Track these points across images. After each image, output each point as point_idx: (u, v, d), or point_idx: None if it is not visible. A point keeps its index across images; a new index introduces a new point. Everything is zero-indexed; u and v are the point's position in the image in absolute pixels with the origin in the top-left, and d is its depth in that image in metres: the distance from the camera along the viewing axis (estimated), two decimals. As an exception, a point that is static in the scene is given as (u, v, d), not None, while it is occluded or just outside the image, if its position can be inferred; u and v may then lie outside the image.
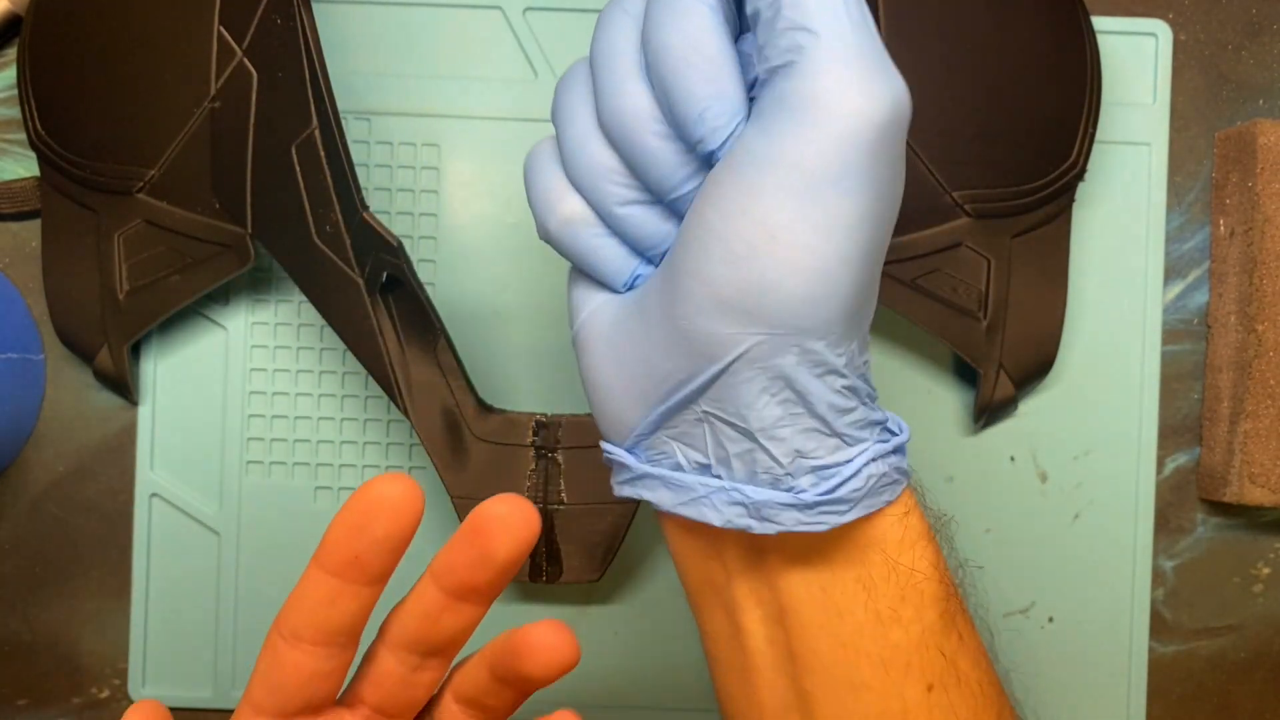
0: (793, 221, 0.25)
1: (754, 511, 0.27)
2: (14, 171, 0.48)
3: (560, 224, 0.30)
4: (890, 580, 0.29)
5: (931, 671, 0.29)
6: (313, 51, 0.43)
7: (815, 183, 0.25)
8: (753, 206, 0.26)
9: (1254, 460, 0.46)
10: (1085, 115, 0.45)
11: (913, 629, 0.29)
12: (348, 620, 0.29)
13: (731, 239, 0.26)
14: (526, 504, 0.28)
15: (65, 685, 0.49)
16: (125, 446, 0.48)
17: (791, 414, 0.27)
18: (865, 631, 0.29)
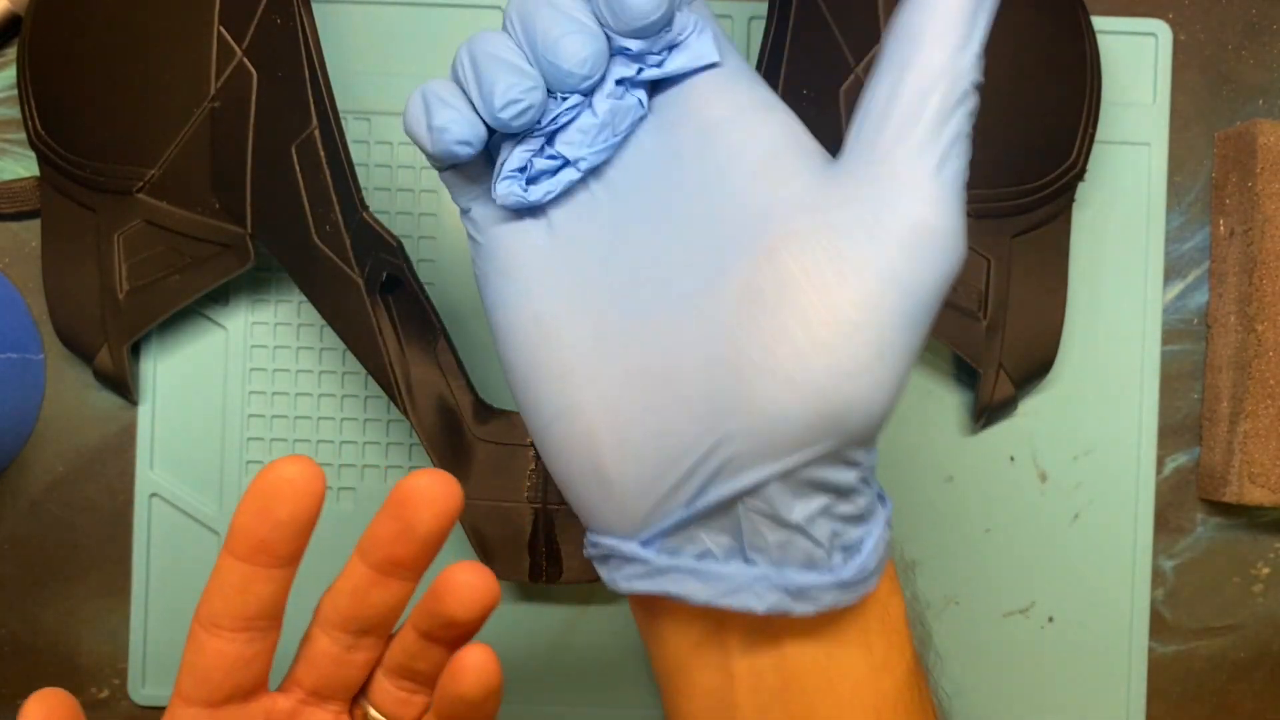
0: (882, 332, 0.26)
1: (796, 595, 0.27)
2: (14, 171, 0.48)
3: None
4: (881, 631, 0.29)
5: (911, 710, 0.30)
6: (313, 51, 0.43)
7: (910, 306, 0.26)
8: (845, 310, 0.25)
9: (1254, 460, 0.46)
10: (1085, 115, 0.45)
11: (897, 672, 0.30)
12: (263, 604, 0.29)
13: (812, 331, 0.25)
14: (447, 477, 0.28)
15: (65, 685, 0.49)
16: (125, 446, 0.48)
17: (829, 506, 0.27)
18: (864, 686, 0.29)
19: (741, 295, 0.26)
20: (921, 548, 0.48)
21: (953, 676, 0.49)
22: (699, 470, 0.27)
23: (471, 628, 0.30)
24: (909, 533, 0.48)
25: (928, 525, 0.48)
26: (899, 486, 0.48)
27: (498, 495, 0.44)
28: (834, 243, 0.26)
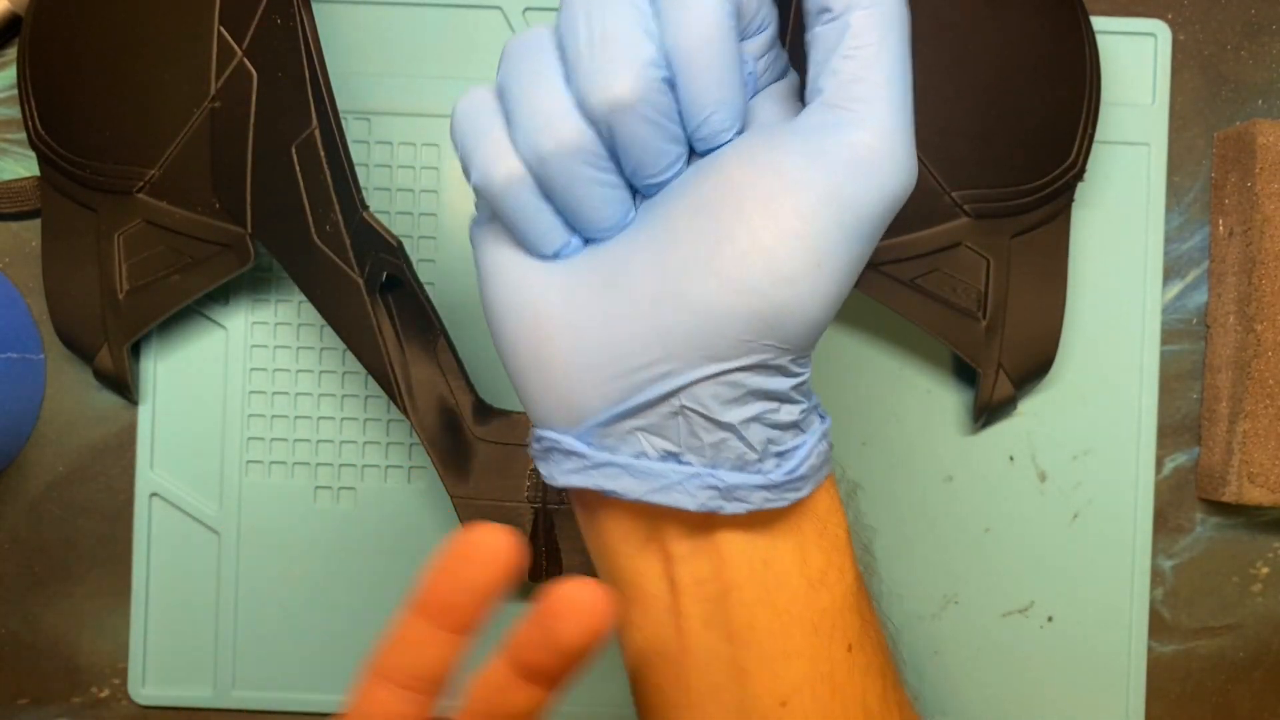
0: (821, 242, 0.27)
1: (726, 494, 0.29)
2: (14, 171, 0.48)
3: (504, 181, 0.29)
4: (819, 546, 0.31)
5: (851, 632, 0.31)
6: (313, 51, 0.43)
7: (851, 221, 0.27)
8: (787, 219, 0.27)
9: (1253, 460, 0.46)
10: (1084, 115, 0.45)
11: (836, 590, 0.31)
12: (433, 667, 0.28)
13: (754, 235, 0.27)
14: (597, 589, 0.27)
15: (65, 685, 0.49)
16: (125, 446, 0.48)
17: (767, 411, 0.29)
18: (799, 597, 0.30)
19: (693, 205, 0.28)
20: (921, 548, 0.48)
21: (952, 676, 0.49)
22: (641, 366, 0.28)
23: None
24: (908, 532, 0.48)
25: (928, 525, 0.48)
26: (899, 486, 0.48)
27: (498, 495, 0.44)
28: (781, 159, 0.27)
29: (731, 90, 0.28)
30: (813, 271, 0.27)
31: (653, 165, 0.28)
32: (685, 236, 0.28)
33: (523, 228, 0.29)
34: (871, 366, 0.48)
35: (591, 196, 0.29)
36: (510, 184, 0.29)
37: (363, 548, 0.48)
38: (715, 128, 0.28)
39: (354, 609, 0.48)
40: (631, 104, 0.27)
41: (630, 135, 0.28)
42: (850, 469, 0.48)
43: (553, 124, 0.28)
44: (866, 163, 0.27)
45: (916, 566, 0.48)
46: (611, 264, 0.29)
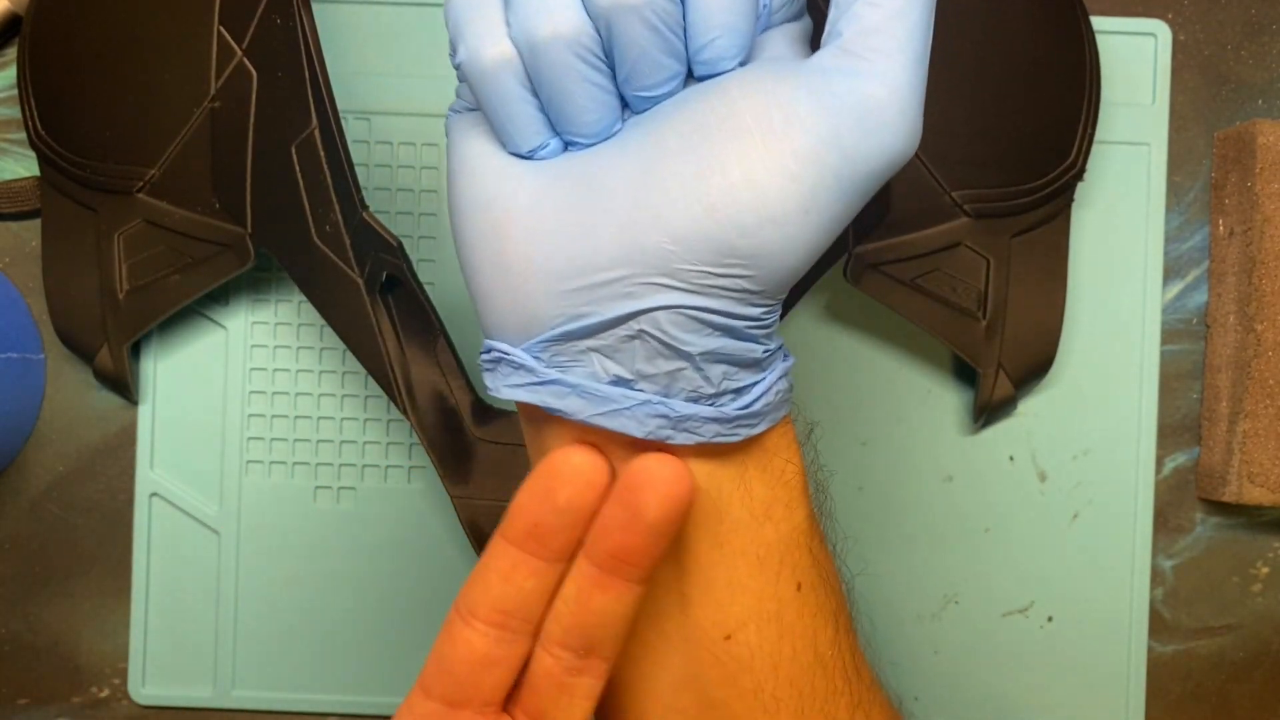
0: (814, 188, 0.26)
1: (676, 424, 0.28)
2: (14, 171, 0.48)
3: (491, 64, 0.27)
4: (764, 480, 0.30)
5: (801, 570, 0.30)
6: (312, 51, 0.43)
7: (848, 173, 0.27)
8: (784, 157, 0.26)
9: (1253, 460, 0.46)
10: (1084, 115, 0.45)
11: (783, 526, 0.30)
12: (524, 599, 0.27)
13: (747, 168, 0.26)
14: (677, 462, 0.27)
15: (65, 685, 0.49)
16: (125, 446, 0.48)
17: (728, 344, 0.28)
18: (741, 529, 0.29)
19: (687, 125, 0.27)
20: (921, 547, 0.48)
21: (952, 676, 0.49)
22: (604, 282, 0.27)
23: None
24: (908, 532, 0.48)
25: (928, 525, 0.48)
26: (899, 486, 0.48)
27: (498, 495, 0.44)
28: (789, 95, 0.26)
29: (741, 16, 0.27)
30: (800, 217, 0.26)
31: (648, 76, 0.27)
32: (674, 155, 0.26)
33: (503, 117, 0.28)
34: (871, 366, 0.48)
35: (580, 93, 0.27)
36: (498, 67, 0.27)
37: (363, 548, 0.48)
38: (718, 52, 0.27)
39: (354, 609, 0.48)
40: (637, 4, 0.26)
41: (630, 38, 0.26)
42: (849, 467, 0.48)
43: (552, 10, 0.26)
44: (875, 116, 0.27)
45: (916, 566, 0.48)
46: (589, 171, 0.27)
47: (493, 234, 0.28)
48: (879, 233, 0.44)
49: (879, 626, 0.49)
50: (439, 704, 0.28)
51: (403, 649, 0.48)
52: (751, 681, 0.30)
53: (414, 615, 0.48)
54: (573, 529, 0.28)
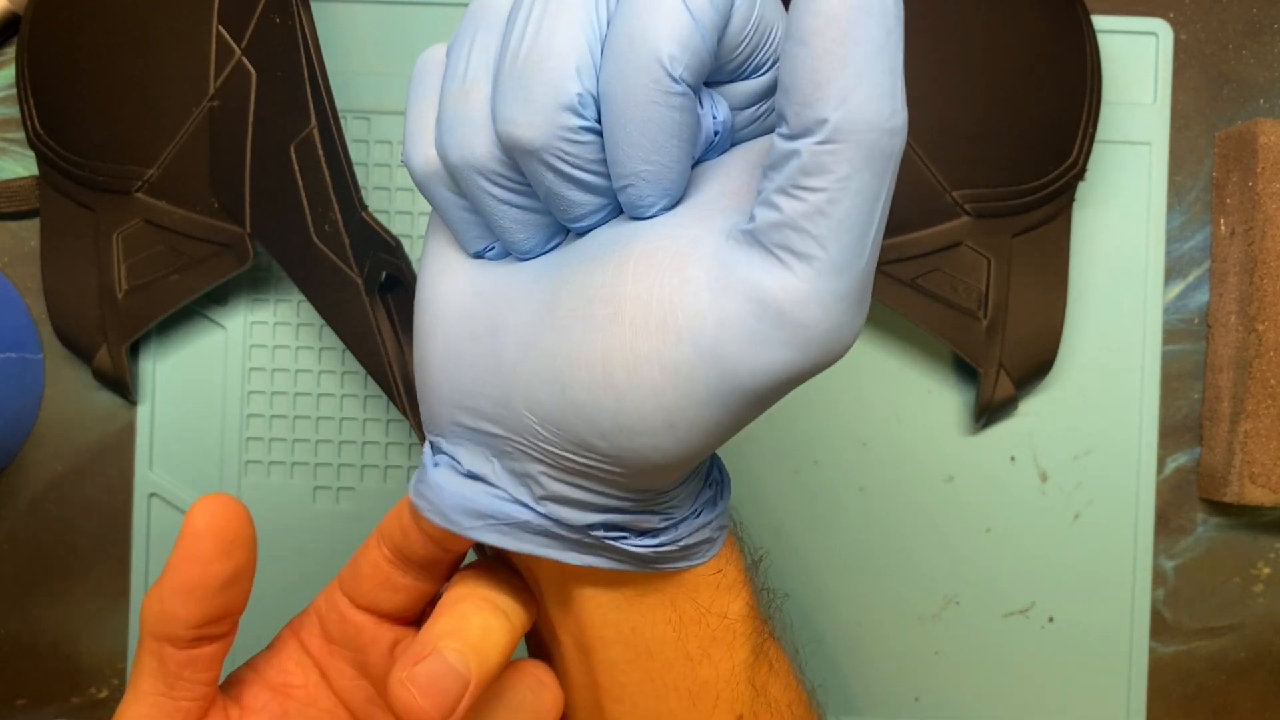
0: (679, 403, 0.23)
1: (565, 543, 0.26)
2: (13, 171, 0.48)
3: (420, 171, 0.26)
4: (701, 624, 0.28)
5: (741, 702, 0.29)
6: (311, 50, 0.43)
7: (726, 389, 0.23)
8: (650, 367, 0.23)
9: (1254, 460, 0.46)
10: (1085, 115, 0.45)
11: (722, 666, 0.29)
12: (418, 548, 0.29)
13: (609, 369, 0.23)
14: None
15: (64, 685, 0.49)
16: (124, 446, 0.48)
17: (615, 518, 0.26)
18: (674, 669, 0.29)
19: (582, 290, 0.24)
20: (921, 548, 0.48)
21: (953, 676, 0.49)
22: (489, 432, 0.26)
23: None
24: (909, 532, 0.48)
25: (928, 525, 0.48)
26: (899, 486, 0.48)
27: (497, 495, 0.44)
28: (679, 290, 0.22)
29: (662, 165, 0.23)
30: (662, 430, 0.23)
31: (564, 212, 0.25)
32: (559, 326, 0.24)
33: (446, 220, 0.27)
34: (871, 366, 0.48)
35: (500, 216, 0.25)
36: (426, 176, 0.26)
37: (362, 548, 0.48)
38: (633, 199, 0.24)
39: (353, 609, 0.48)
40: (534, 149, 0.23)
41: (535, 176, 0.24)
42: (849, 467, 0.48)
43: (464, 136, 0.24)
44: (771, 327, 0.22)
45: (917, 566, 0.48)
46: (505, 299, 0.25)
47: (424, 336, 0.27)
48: (879, 232, 0.44)
49: (879, 627, 0.48)
50: (347, 599, 0.30)
51: (402, 649, 0.48)
52: None
53: (413, 615, 0.48)
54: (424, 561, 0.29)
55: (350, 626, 0.30)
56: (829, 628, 0.48)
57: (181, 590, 0.26)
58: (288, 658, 0.31)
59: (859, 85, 0.20)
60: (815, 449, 0.48)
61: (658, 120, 0.22)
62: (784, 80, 0.21)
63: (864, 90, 0.20)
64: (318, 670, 0.31)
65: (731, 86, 0.25)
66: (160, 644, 0.27)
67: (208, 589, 0.26)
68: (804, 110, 0.21)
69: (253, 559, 0.27)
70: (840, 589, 0.48)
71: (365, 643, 0.30)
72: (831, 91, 0.20)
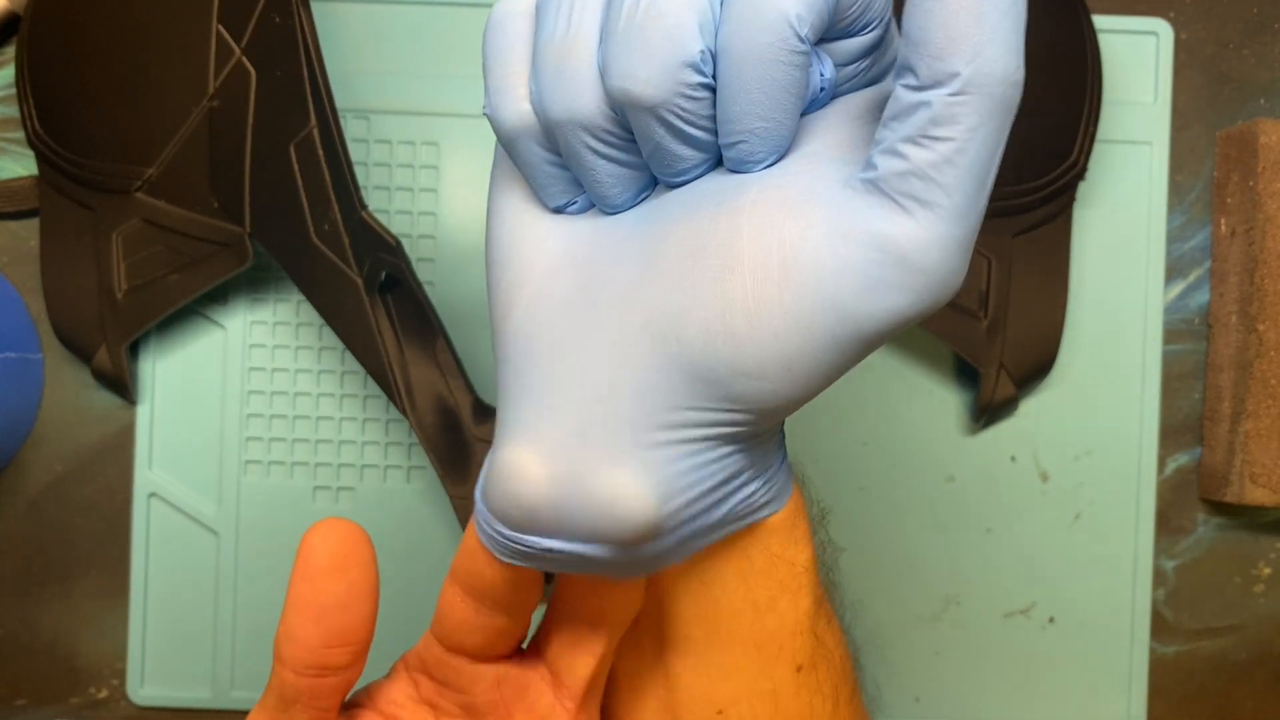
0: (800, 348, 0.24)
1: None
2: (12, 170, 0.48)
3: (511, 126, 0.26)
4: (770, 574, 0.29)
5: (802, 653, 0.30)
6: (311, 50, 0.43)
7: (844, 334, 0.24)
8: (771, 314, 0.23)
9: (1255, 460, 0.46)
10: (1086, 114, 0.45)
11: (788, 616, 0.29)
12: (489, 583, 0.27)
13: (729, 318, 0.23)
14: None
15: (64, 685, 0.49)
16: (123, 446, 0.48)
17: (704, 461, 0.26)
18: (742, 619, 0.29)
19: (690, 239, 0.24)
20: (922, 548, 0.48)
21: (953, 676, 0.49)
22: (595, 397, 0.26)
23: None
24: (909, 532, 0.48)
25: (928, 525, 0.48)
26: (900, 486, 0.48)
27: (497, 495, 0.44)
28: (799, 236, 0.23)
29: (776, 121, 0.24)
30: (780, 375, 0.24)
31: (668, 166, 0.25)
32: (667, 276, 0.24)
33: (528, 174, 0.26)
34: (872, 366, 0.48)
35: (596, 172, 0.25)
36: (518, 131, 0.25)
37: (362, 548, 0.48)
38: (743, 155, 0.24)
39: (353, 609, 0.48)
40: (650, 105, 0.23)
41: (644, 132, 0.24)
42: (849, 467, 0.48)
43: (570, 91, 0.24)
44: (891, 275, 0.23)
45: (917, 566, 0.48)
46: (599, 256, 0.26)
47: (506, 297, 0.26)
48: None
49: (879, 627, 0.48)
50: (440, 646, 0.29)
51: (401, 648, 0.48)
52: None
53: (413, 615, 0.48)
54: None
55: (448, 668, 0.29)
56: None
57: (297, 607, 0.26)
58: (399, 691, 0.31)
59: (991, 41, 0.22)
60: (815, 449, 0.48)
61: (780, 79, 0.23)
62: (914, 34, 0.22)
63: (996, 46, 0.22)
64: (426, 707, 0.30)
65: (837, 44, 0.25)
66: (283, 667, 0.27)
67: (322, 606, 0.26)
68: (936, 63, 0.22)
69: (371, 582, 0.27)
70: (840, 589, 0.48)
71: (466, 683, 0.29)
72: (966, 46, 0.22)
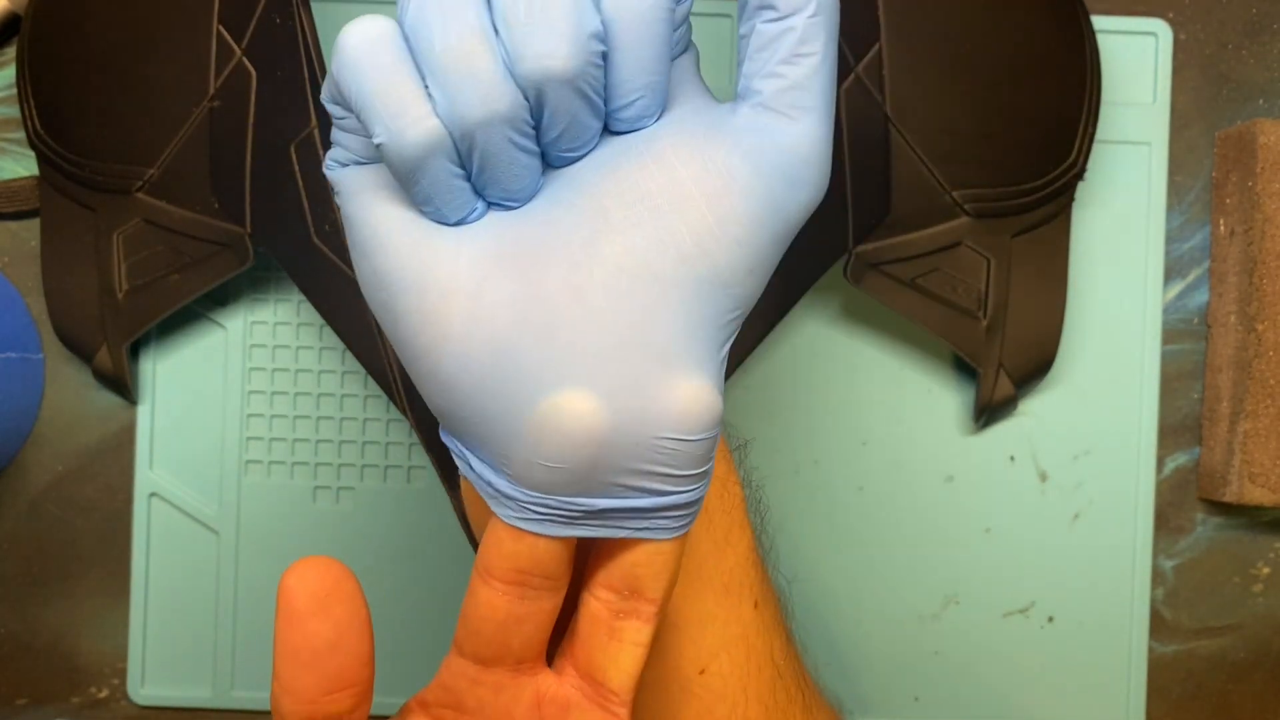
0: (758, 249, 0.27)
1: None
2: (13, 171, 0.48)
3: (423, 147, 0.25)
4: (721, 507, 0.31)
5: (756, 588, 0.32)
6: (312, 50, 0.43)
7: (781, 230, 0.27)
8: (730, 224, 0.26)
9: (1254, 460, 0.46)
10: (1085, 115, 0.45)
11: (741, 548, 0.31)
12: (538, 557, 0.26)
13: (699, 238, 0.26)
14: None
15: (64, 685, 0.49)
16: (124, 446, 0.48)
17: None
18: (708, 560, 0.30)
19: (629, 193, 0.26)
20: (921, 547, 0.48)
21: (952, 676, 0.49)
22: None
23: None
24: (909, 532, 0.48)
25: (928, 525, 0.48)
26: (899, 486, 0.48)
27: (497, 495, 0.44)
28: (724, 158, 0.26)
29: (662, 74, 0.27)
30: (746, 278, 0.27)
31: (576, 139, 0.27)
32: (620, 228, 0.26)
33: (434, 193, 0.26)
34: (871, 366, 0.48)
35: (514, 166, 0.26)
36: (428, 148, 0.25)
37: (362, 548, 0.48)
38: (640, 111, 0.27)
39: (353, 609, 0.48)
40: (570, 78, 0.25)
41: (561, 108, 0.26)
42: (849, 467, 0.48)
43: (488, 89, 0.25)
44: (800, 171, 0.27)
45: (916, 566, 0.48)
46: (527, 242, 0.26)
47: (435, 318, 0.26)
48: (879, 233, 0.44)
49: (879, 626, 0.48)
50: (471, 662, 0.28)
51: (402, 649, 0.48)
52: (726, 709, 0.31)
53: (413, 615, 0.48)
54: None
55: (484, 690, 0.28)
56: (828, 627, 0.48)
57: (286, 656, 0.26)
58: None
59: None
60: (815, 449, 0.48)
61: (663, 34, 0.26)
62: None
63: None
64: None
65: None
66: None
67: (312, 651, 0.26)
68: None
69: (360, 617, 0.26)
70: (840, 589, 0.48)
71: (505, 705, 0.28)
72: None
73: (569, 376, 0.25)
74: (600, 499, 0.26)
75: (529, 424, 0.25)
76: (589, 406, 0.25)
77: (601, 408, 0.25)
